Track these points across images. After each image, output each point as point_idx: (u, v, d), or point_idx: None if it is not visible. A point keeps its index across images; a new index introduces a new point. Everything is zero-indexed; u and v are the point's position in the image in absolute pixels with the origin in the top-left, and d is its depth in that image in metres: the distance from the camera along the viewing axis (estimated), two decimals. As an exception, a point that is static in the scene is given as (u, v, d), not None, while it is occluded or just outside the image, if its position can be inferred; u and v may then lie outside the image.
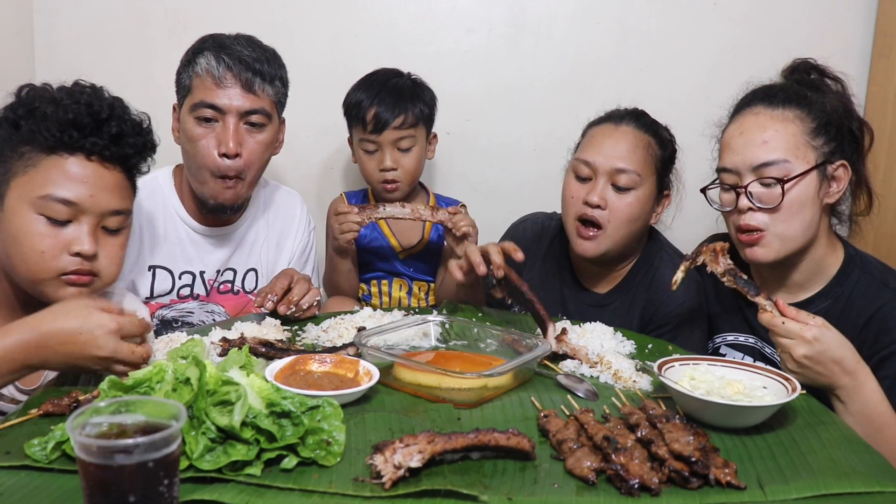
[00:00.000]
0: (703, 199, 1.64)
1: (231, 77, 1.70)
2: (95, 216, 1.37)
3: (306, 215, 2.08)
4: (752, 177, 1.50)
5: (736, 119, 1.59)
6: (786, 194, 1.47)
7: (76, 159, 1.35)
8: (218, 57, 1.70)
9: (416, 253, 2.21)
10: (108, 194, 1.38)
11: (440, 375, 1.26)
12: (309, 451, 0.99)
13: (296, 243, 2.03)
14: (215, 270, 1.89)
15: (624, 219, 1.73)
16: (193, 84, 1.72)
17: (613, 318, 1.76)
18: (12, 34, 2.32)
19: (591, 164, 1.74)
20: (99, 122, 1.37)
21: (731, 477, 0.98)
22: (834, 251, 1.58)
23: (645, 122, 1.79)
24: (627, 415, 1.15)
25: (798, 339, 1.28)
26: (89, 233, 1.36)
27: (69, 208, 1.34)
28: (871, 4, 2.39)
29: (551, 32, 2.46)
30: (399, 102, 2.04)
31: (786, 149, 1.49)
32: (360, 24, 2.45)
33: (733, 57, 2.43)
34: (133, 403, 0.84)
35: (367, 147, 2.08)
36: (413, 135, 2.07)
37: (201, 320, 1.88)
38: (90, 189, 1.35)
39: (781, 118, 1.51)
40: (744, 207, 1.51)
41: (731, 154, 1.54)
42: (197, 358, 1.01)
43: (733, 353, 1.67)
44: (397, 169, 2.07)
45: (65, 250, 1.35)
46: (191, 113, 1.72)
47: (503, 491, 0.95)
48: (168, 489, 0.79)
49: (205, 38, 1.77)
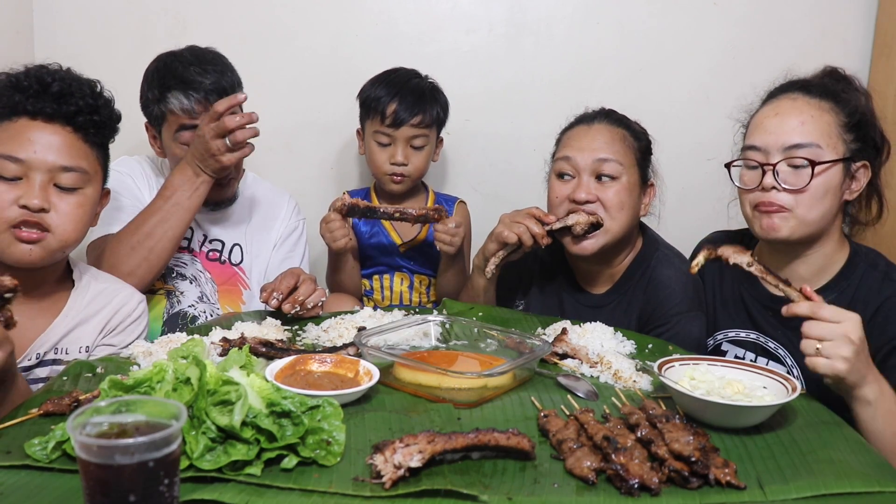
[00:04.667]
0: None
1: (201, 108, 1.85)
2: (44, 173, 1.42)
3: (294, 205, 2.17)
4: (780, 156, 1.51)
5: (771, 102, 1.59)
6: (814, 177, 1.48)
7: (23, 121, 1.43)
8: (186, 94, 1.84)
9: (417, 245, 2.24)
10: (55, 152, 1.43)
11: (440, 375, 1.26)
12: (309, 450, 0.99)
13: (283, 227, 2.12)
14: (203, 234, 2.01)
15: (615, 206, 1.72)
16: (168, 118, 1.88)
17: (612, 318, 1.75)
18: (12, 34, 2.32)
19: (572, 160, 1.75)
20: (44, 85, 1.45)
21: (731, 477, 0.98)
22: (842, 248, 1.59)
23: (615, 117, 1.81)
24: (627, 415, 1.15)
25: (842, 338, 1.22)
26: (38, 187, 1.41)
27: (16, 165, 1.40)
28: (871, 4, 2.39)
29: (551, 32, 2.46)
30: (419, 102, 2.11)
31: (819, 134, 1.50)
32: (360, 24, 2.45)
33: (733, 57, 2.43)
34: (133, 403, 0.84)
35: (381, 139, 2.13)
36: (427, 134, 2.14)
37: (194, 275, 1.97)
38: (35, 146, 1.42)
39: (818, 107, 1.53)
40: (768, 185, 1.51)
41: (763, 133, 1.54)
42: (197, 358, 1.01)
43: (735, 350, 1.67)
44: (408, 164, 2.13)
45: (13, 204, 1.40)
46: (174, 140, 1.89)
47: (503, 491, 0.95)
48: (168, 489, 0.79)
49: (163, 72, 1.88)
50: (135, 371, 1.22)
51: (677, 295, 1.73)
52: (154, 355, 1.37)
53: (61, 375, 1.30)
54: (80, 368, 1.32)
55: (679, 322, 1.71)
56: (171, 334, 1.48)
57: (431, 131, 2.15)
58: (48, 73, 1.47)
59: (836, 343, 1.22)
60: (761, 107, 1.61)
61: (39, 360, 1.50)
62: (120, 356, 1.44)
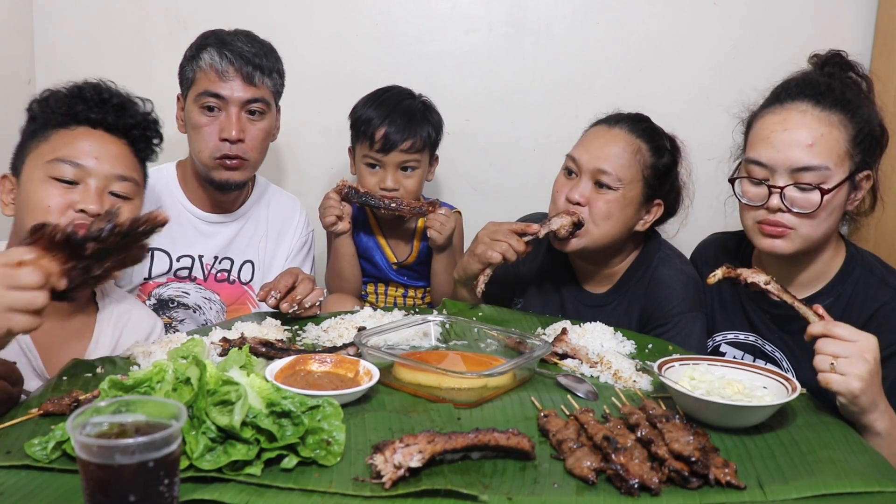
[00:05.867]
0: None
1: (233, 70, 1.82)
2: (101, 179, 1.45)
3: (305, 217, 2.16)
4: (787, 178, 1.45)
5: (778, 111, 1.51)
6: (823, 205, 1.44)
7: (83, 129, 1.48)
8: (220, 52, 1.82)
9: (409, 265, 2.22)
10: (113, 160, 1.48)
11: (440, 375, 1.26)
12: (309, 450, 0.99)
13: (294, 240, 2.11)
14: (213, 256, 1.98)
15: (600, 215, 1.72)
16: (197, 77, 1.85)
17: (612, 317, 1.76)
18: (12, 34, 2.32)
19: (576, 161, 1.75)
20: (102, 98, 1.51)
21: (731, 477, 0.98)
22: (838, 252, 1.58)
23: (641, 126, 1.78)
24: (627, 415, 1.15)
25: (857, 356, 1.19)
26: (96, 193, 1.44)
27: (75, 169, 1.43)
28: (871, 4, 2.39)
29: (551, 32, 2.46)
30: (409, 125, 2.04)
31: (829, 155, 1.44)
32: (360, 24, 2.45)
33: (734, 57, 2.43)
34: (133, 403, 0.84)
35: (370, 163, 2.08)
36: (418, 159, 2.08)
37: (197, 303, 1.95)
38: (95, 152, 1.46)
39: (828, 122, 1.46)
40: (774, 207, 1.47)
41: (769, 149, 1.48)
42: (197, 358, 1.01)
43: (734, 351, 1.67)
44: (398, 189, 2.07)
45: (70, 208, 1.41)
46: (195, 102, 1.85)
47: (503, 491, 0.95)
48: (168, 489, 0.79)
49: (206, 35, 1.89)
50: (135, 371, 1.22)
51: (678, 295, 1.73)
52: (154, 355, 1.37)
53: (61, 375, 1.30)
54: (80, 368, 1.32)
55: (680, 322, 1.71)
56: (170, 334, 1.48)
57: (423, 154, 2.08)
58: (105, 89, 1.54)
59: (851, 360, 1.19)
60: (767, 113, 1.53)
61: None
62: (120, 356, 1.44)
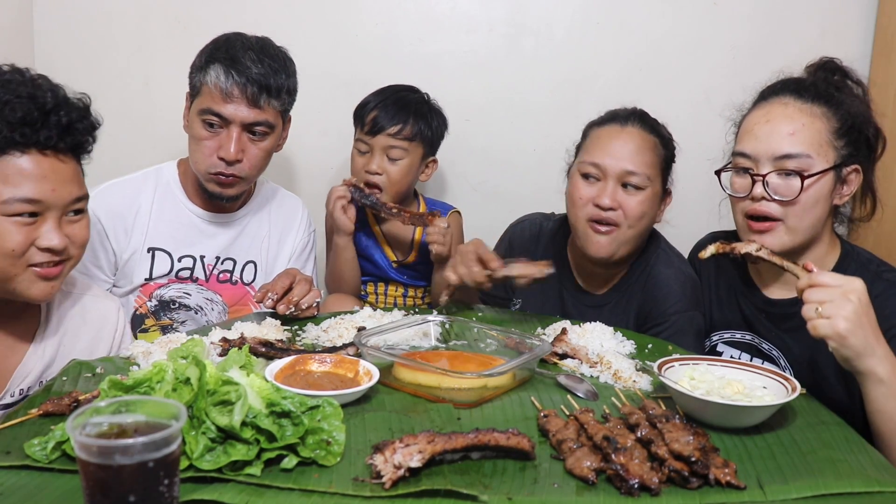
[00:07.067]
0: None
1: (238, 91, 1.77)
2: (59, 209, 1.35)
3: (307, 218, 2.15)
4: (770, 166, 1.50)
5: (762, 105, 1.57)
6: (804, 189, 1.47)
7: (31, 156, 1.31)
8: (227, 71, 1.76)
9: (409, 265, 2.23)
10: (69, 185, 1.36)
11: (440, 375, 1.26)
12: (309, 450, 0.99)
13: (297, 241, 2.10)
14: (215, 257, 1.96)
15: (636, 216, 1.72)
16: (202, 91, 1.81)
17: (610, 316, 1.76)
18: (12, 34, 2.32)
19: (600, 167, 1.73)
20: (46, 114, 1.32)
21: (731, 477, 0.98)
22: (832, 249, 1.59)
23: (649, 122, 1.80)
24: (627, 415, 1.15)
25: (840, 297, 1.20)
26: (55, 227, 1.35)
27: (33, 206, 1.32)
28: (871, 4, 2.39)
29: (551, 32, 2.46)
30: (400, 112, 2.06)
31: (810, 144, 1.48)
32: (360, 25, 2.45)
33: (733, 57, 2.43)
34: (133, 403, 0.84)
35: (361, 147, 2.12)
36: (405, 148, 2.08)
37: (199, 304, 1.94)
38: (51, 184, 1.33)
39: (810, 113, 1.51)
40: (758, 196, 1.50)
41: (753, 140, 1.53)
42: (197, 358, 1.01)
43: (731, 351, 1.67)
44: (382, 175, 2.08)
45: (33, 246, 1.34)
46: (199, 116, 1.81)
47: (503, 491, 0.95)
48: (168, 489, 0.79)
49: (219, 44, 1.83)
50: (134, 371, 1.22)
51: (676, 294, 1.73)
52: (154, 355, 1.37)
53: (61, 375, 1.30)
54: (80, 368, 1.32)
55: (677, 321, 1.71)
56: (170, 335, 1.47)
57: (412, 145, 2.08)
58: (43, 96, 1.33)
59: (835, 303, 1.21)
60: (752, 109, 1.59)
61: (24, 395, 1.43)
62: (119, 356, 1.44)
